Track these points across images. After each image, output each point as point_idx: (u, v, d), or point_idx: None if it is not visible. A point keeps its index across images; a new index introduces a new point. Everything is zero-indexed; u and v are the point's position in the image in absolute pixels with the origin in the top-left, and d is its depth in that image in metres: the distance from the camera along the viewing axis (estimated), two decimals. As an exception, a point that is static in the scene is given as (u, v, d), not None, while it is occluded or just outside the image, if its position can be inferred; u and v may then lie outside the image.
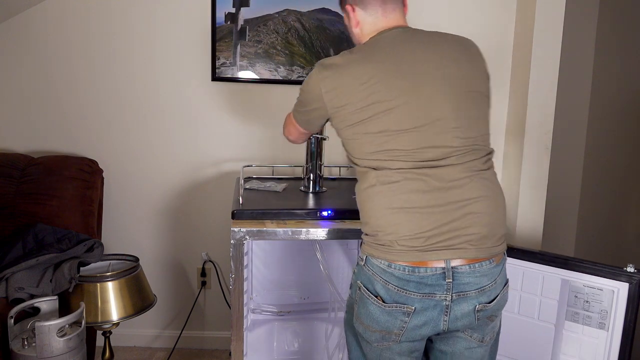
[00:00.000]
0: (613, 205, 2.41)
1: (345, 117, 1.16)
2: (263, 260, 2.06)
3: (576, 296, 1.50)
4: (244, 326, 1.57)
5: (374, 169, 1.15)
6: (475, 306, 1.13)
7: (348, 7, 1.27)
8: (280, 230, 1.46)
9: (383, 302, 1.13)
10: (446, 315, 1.12)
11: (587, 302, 1.48)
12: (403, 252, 1.11)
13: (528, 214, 2.18)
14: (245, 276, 1.56)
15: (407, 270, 1.10)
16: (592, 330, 1.48)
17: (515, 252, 1.59)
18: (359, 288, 1.18)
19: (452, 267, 1.10)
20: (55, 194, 1.96)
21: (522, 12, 2.16)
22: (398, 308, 1.12)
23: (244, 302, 1.53)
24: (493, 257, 1.15)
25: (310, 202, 1.70)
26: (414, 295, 1.11)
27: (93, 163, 2.11)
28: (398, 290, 1.11)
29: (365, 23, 1.25)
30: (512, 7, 2.21)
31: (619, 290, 1.42)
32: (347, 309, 1.30)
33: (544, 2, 2.04)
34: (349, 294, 1.27)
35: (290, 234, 1.47)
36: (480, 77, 1.21)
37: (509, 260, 1.60)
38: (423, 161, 1.12)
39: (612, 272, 1.43)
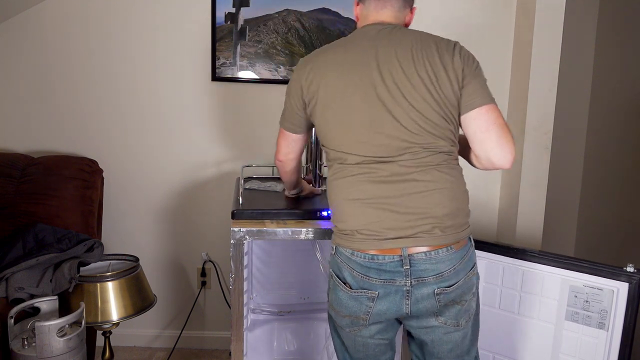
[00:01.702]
0: (613, 205, 2.41)
1: (319, 102, 1.21)
2: (263, 260, 2.05)
3: (576, 296, 1.50)
4: (244, 326, 1.57)
5: (337, 161, 1.23)
6: (435, 289, 1.17)
7: (355, 2, 1.32)
8: (280, 230, 1.46)
9: (350, 288, 1.20)
10: (407, 299, 1.17)
11: (587, 302, 1.48)
12: (362, 241, 1.17)
13: (528, 214, 2.18)
14: (245, 276, 1.56)
15: (367, 257, 1.17)
16: (592, 330, 1.48)
17: (515, 251, 1.59)
18: (331, 276, 1.26)
19: (409, 255, 1.15)
20: (55, 194, 1.96)
21: (522, 12, 2.16)
22: (363, 293, 1.18)
23: (244, 302, 1.53)
24: (451, 245, 1.17)
25: (310, 202, 1.70)
26: (376, 281, 1.17)
27: (93, 163, 2.11)
28: (362, 276, 1.18)
29: (361, 16, 1.29)
30: (512, 7, 2.21)
31: (619, 290, 1.42)
32: (327, 298, 1.34)
33: (544, 2, 2.04)
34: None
35: (290, 234, 1.47)
36: (441, 79, 1.14)
37: (510, 259, 1.60)
38: (378, 156, 1.17)
39: (612, 272, 1.43)
